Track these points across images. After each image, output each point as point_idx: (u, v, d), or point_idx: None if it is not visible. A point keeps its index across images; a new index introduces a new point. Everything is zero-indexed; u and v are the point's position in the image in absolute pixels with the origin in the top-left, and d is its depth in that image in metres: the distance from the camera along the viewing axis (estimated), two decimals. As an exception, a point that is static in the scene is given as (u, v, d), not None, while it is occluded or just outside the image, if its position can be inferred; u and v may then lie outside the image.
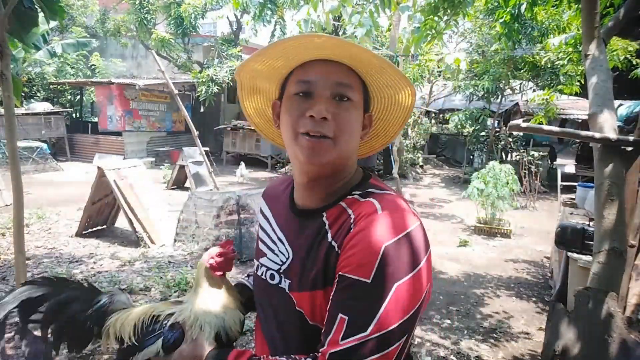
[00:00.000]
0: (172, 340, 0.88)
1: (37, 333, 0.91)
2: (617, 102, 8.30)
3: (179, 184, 9.40)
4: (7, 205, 6.99)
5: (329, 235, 0.83)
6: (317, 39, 0.78)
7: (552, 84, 8.99)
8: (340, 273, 0.75)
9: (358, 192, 0.86)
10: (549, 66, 8.70)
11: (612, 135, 1.84)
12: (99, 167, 5.41)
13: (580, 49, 3.67)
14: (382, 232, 0.74)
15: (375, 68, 0.84)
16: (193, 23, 13.68)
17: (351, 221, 0.80)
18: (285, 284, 0.88)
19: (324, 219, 0.86)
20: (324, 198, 0.88)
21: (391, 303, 0.71)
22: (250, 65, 0.87)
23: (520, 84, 11.28)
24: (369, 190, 0.86)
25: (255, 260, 1.01)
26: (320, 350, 0.74)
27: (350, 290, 0.73)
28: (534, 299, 4.28)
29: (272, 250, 0.94)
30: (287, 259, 0.89)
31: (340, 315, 0.73)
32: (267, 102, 0.98)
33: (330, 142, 0.81)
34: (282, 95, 0.90)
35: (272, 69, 0.87)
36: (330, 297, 0.76)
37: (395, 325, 0.70)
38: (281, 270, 0.90)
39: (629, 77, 6.56)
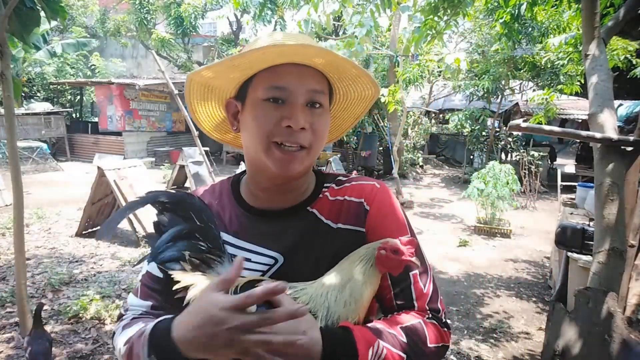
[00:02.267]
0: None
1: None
2: (617, 102, 8.31)
3: (179, 184, 9.39)
4: (7, 205, 6.99)
5: (329, 222, 0.88)
6: (299, 48, 0.75)
7: (552, 84, 9.00)
8: None
9: (330, 183, 0.93)
10: (549, 66, 8.70)
11: (613, 135, 1.84)
12: (98, 167, 5.41)
13: (580, 48, 3.67)
14: (391, 198, 0.91)
15: (350, 76, 0.86)
16: (193, 23, 13.70)
17: (364, 204, 0.89)
18: None
19: (314, 211, 0.89)
20: (297, 196, 0.90)
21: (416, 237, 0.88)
22: (214, 69, 0.81)
23: (520, 84, 11.28)
24: (338, 178, 0.95)
25: None
26: (416, 307, 0.84)
27: None
28: (534, 299, 4.28)
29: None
30: (274, 264, 0.85)
31: (410, 274, 0.85)
32: (219, 100, 0.92)
33: (305, 152, 0.81)
34: (244, 97, 0.84)
35: (234, 69, 0.81)
36: None
37: None
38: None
39: (629, 77, 6.57)
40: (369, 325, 0.76)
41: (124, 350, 0.76)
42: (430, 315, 0.84)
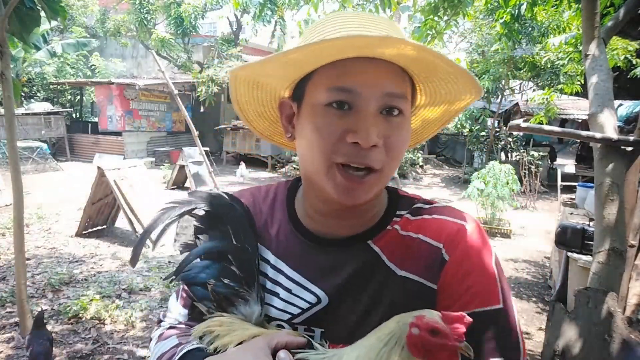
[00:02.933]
0: None
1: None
2: (617, 102, 8.31)
3: (179, 184, 9.40)
4: (7, 205, 6.98)
5: (393, 266, 0.68)
6: (376, 41, 0.56)
7: (552, 84, 9.01)
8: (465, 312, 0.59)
9: (404, 211, 0.72)
10: (549, 66, 8.71)
11: (613, 135, 1.84)
12: (99, 167, 5.41)
13: (580, 48, 3.67)
14: (485, 249, 0.66)
15: (442, 75, 0.64)
16: (193, 23, 13.71)
17: (442, 251, 0.66)
18: (315, 334, 0.70)
19: (375, 248, 0.70)
20: (361, 224, 0.72)
21: (515, 313, 0.66)
22: (264, 66, 0.64)
23: (520, 84, 11.28)
24: (416, 206, 0.73)
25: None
26: None
27: (488, 324, 0.62)
28: (534, 299, 4.28)
29: (277, 295, 0.72)
30: (316, 304, 0.69)
31: (491, 359, 0.61)
32: (271, 98, 0.75)
33: (376, 175, 0.62)
34: (300, 97, 0.67)
35: (287, 65, 0.63)
36: None
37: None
38: (299, 320, 0.70)
39: (629, 77, 6.57)
40: None
41: None
42: None
